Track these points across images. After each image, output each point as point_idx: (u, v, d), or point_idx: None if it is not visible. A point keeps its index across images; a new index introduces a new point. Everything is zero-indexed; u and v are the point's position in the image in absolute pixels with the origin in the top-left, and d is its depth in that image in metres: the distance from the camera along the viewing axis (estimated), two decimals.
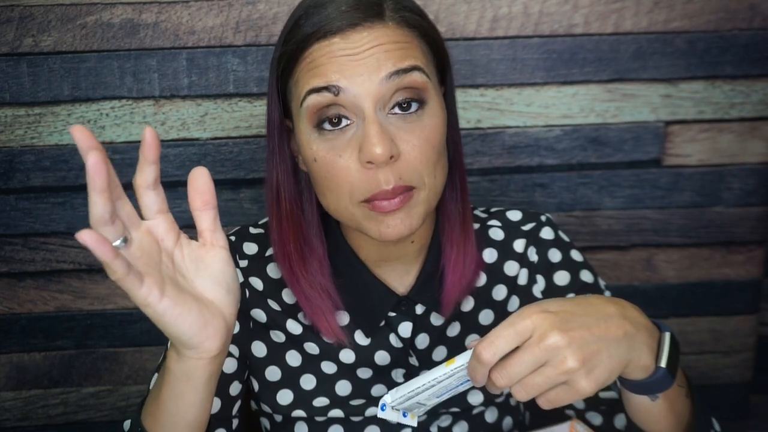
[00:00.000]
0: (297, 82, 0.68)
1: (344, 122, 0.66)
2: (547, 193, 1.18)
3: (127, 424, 0.69)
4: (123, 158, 1.12)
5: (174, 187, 1.14)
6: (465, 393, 0.80)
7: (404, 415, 0.65)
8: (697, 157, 1.18)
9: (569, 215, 1.20)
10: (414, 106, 0.67)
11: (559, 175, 1.18)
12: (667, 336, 0.61)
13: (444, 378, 0.61)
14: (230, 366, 0.77)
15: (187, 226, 1.15)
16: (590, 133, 1.16)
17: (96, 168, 0.46)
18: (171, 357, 0.57)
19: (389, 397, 0.63)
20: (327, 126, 0.67)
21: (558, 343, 0.55)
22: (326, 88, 0.65)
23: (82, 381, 1.21)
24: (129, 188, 1.24)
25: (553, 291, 0.82)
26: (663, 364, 0.60)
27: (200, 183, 0.54)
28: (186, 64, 1.09)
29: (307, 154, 0.69)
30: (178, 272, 0.55)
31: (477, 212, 0.87)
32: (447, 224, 0.78)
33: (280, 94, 0.72)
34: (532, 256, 0.83)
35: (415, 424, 0.67)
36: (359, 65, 0.65)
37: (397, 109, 0.67)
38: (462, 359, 0.60)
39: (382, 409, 0.64)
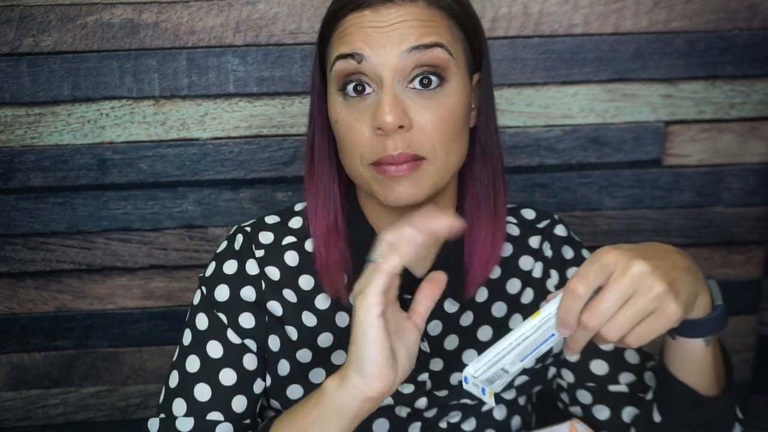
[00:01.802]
0: (330, 48, 0.73)
1: (366, 90, 0.70)
2: (547, 193, 1.18)
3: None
4: (123, 158, 1.12)
5: (174, 187, 1.14)
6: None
7: (483, 392, 0.63)
8: (697, 157, 1.18)
9: (569, 215, 1.20)
10: (434, 82, 0.70)
11: (559, 175, 1.18)
12: (712, 282, 0.65)
13: (531, 332, 0.59)
14: (252, 363, 0.77)
15: (188, 225, 1.16)
16: (590, 133, 1.16)
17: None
18: (331, 384, 0.62)
19: (471, 368, 0.61)
20: (350, 92, 0.71)
21: (644, 269, 0.56)
22: (351, 56, 0.69)
23: (82, 381, 1.21)
24: (128, 188, 1.24)
25: None
26: (720, 301, 0.63)
27: (436, 287, 0.65)
28: (186, 64, 1.09)
29: (331, 116, 0.73)
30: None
31: None
32: (475, 206, 0.79)
33: (321, 58, 0.76)
34: (547, 251, 0.84)
35: (493, 403, 0.68)
36: (383, 37, 0.68)
37: (417, 84, 0.69)
38: (549, 308, 0.59)
39: (465, 382, 0.61)
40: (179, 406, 0.74)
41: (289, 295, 0.79)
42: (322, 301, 0.78)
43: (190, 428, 0.73)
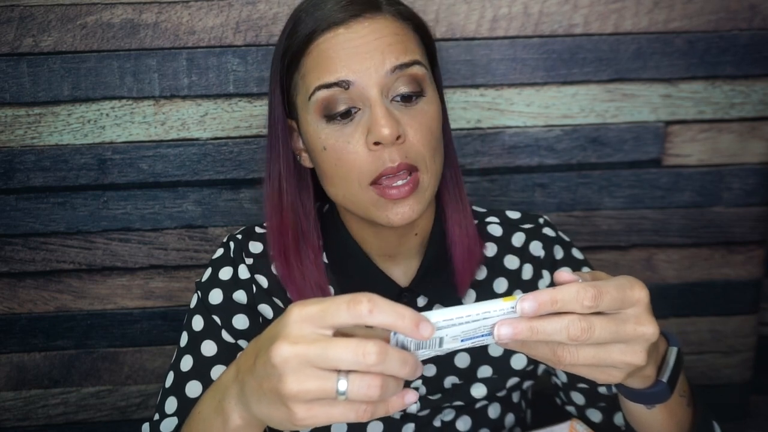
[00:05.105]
0: (304, 76, 0.71)
1: (352, 111, 0.69)
2: (547, 193, 1.18)
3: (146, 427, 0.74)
4: (123, 158, 1.12)
5: (174, 187, 1.14)
6: (468, 387, 0.80)
7: None
8: (697, 157, 1.18)
9: (569, 215, 1.19)
10: (415, 96, 0.70)
11: (559, 175, 1.18)
12: (674, 351, 0.60)
13: (496, 315, 0.49)
14: None
15: (188, 225, 1.16)
16: (590, 133, 1.16)
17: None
18: (236, 413, 0.54)
19: None
20: (338, 117, 0.69)
21: (651, 338, 0.52)
22: (336, 84, 0.68)
23: (82, 381, 1.21)
24: (128, 188, 1.24)
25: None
26: (665, 378, 0.59)
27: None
28: (186, 64, 1.09)
29: (315, 145, 0.71)
30: None
31: (475, 208, 0.87)
32: (449, 209, 0.79)
33: (284, 89, 0.74)
34: (538, 251, 0.84)
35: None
36: (365, 59, 0.68)
37: (400, 99, 0.70)
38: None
39: (393, 335, 0.49)
40: (171, 405, 0.74)
41: (278, 302, 0.80)
42: None
43: (173, 428, 0.73)
